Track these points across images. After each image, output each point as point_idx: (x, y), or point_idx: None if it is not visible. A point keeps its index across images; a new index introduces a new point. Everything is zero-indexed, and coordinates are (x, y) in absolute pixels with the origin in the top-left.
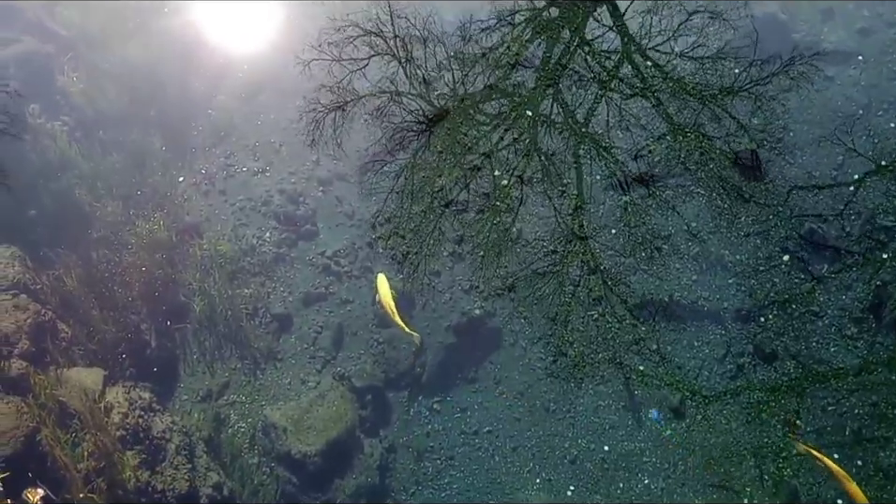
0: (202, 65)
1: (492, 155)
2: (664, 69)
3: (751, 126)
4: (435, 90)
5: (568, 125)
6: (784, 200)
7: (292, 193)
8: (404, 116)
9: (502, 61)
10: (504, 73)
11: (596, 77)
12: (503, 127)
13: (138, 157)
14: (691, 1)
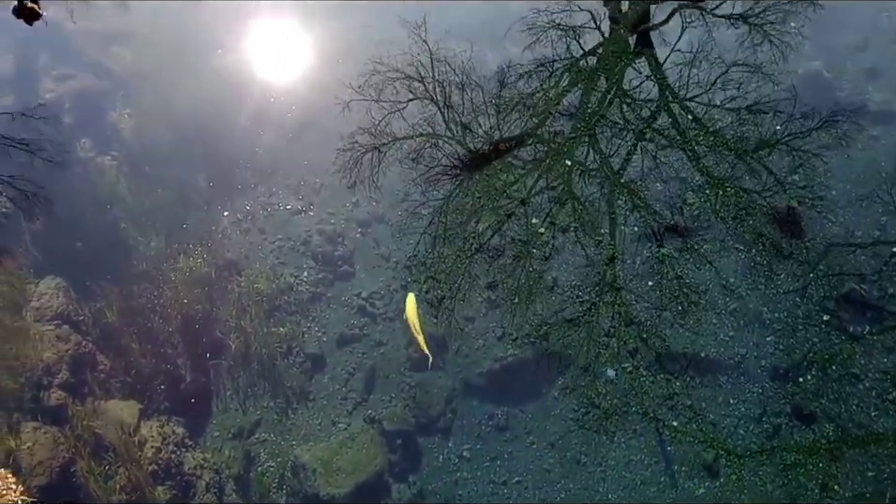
0: (251, 104)
1: (527, 201)
2: (702, 121)
3: (791, 183)
4: (472, 134)
5: (604, 173)
6: (823, 256)
7: (331, 233)
8: (440, 159)
9: (540, 108)
10: (542, 120)
11: (633, 126)
12: (539, 173)
13: (182, 193)
14: (730, 54)
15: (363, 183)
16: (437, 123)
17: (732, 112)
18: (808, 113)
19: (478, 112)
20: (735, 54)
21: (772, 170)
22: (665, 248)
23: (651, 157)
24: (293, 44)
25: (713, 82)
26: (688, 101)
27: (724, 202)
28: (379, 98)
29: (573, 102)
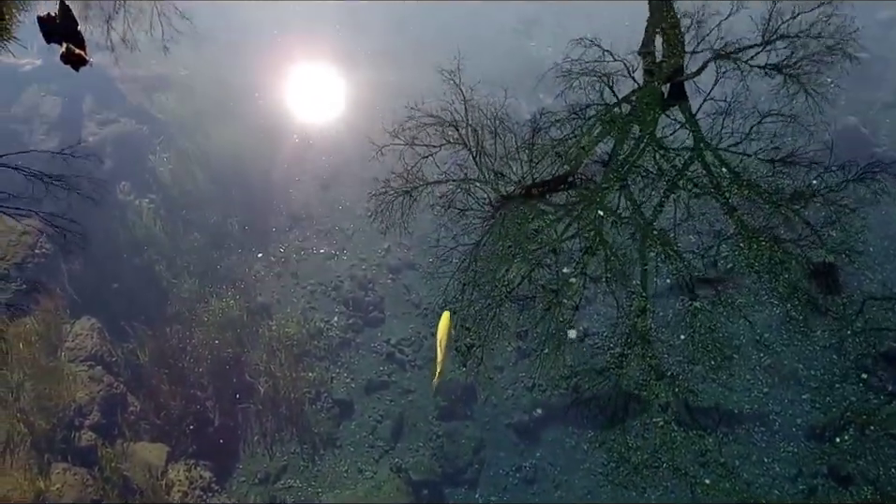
0: (287, 149)
1: (558, 250)
2: (736, 171)
3: (828, 237)
4: (503, 179)
5: (636, 222)
6: (861, 313)
7: (362, 279)
8: (471, 204)
9: (572, 154)
10: (574, 167)
11: (666, 175)
12: (571, 221)
13: (217, 237)
14: (765, 104)
15: (395, 228)
16: (469, 168)
17: (767, 163)
18: (845, 166)
19: (510, 158)
20: (770, 105)
21: (808, 221)
22: (698, 301)
23: (684, 207)
24: (331, 90)
25: (748, 133)
26: (722, 151)
27: (759, 255)
28: (412, 143)
29: (605, 150)
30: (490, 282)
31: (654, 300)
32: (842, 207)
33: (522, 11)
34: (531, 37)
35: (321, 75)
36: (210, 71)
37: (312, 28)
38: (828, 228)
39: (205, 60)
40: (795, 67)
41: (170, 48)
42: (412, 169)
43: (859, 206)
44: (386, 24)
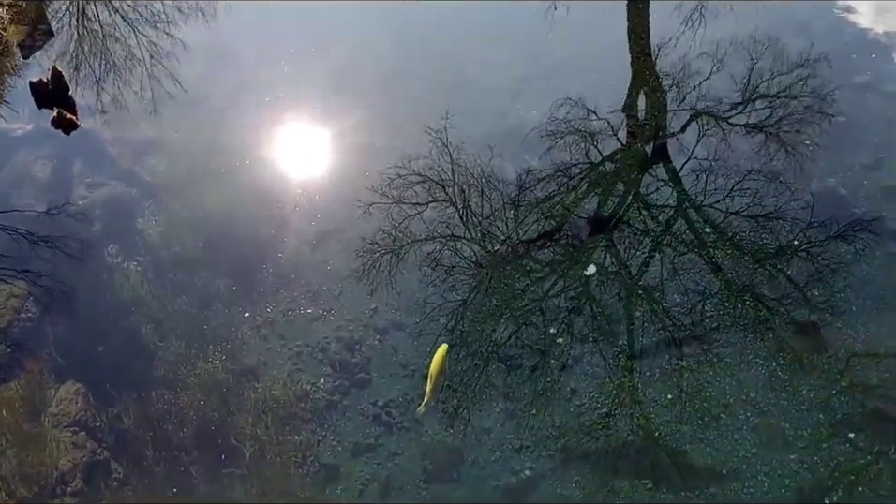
0: (276, 212)
1: (545, 309)
2: (720, 228)
3: (811, 296)
4: (490, 237)
5: (622, 280)
6: (846, 371)
7: (349, 340)
8: (458, 262)
9: (558, 212)
10: (559, 224)
11: (651, 233)
12: (556, 278)
13: (204, 299)
14: (747, 162)
15: (382, 287)
16: (456, 226)
17: (750, 220)
18: (825, 225)
19: (496, 216)
20: (752, 163)
21: (792, 279)
22: (685, 360)
23: (670, 265)
24: (320, 152)
25: (731, 190)
26: (705, 208)
27: (743, 313)
28: (400, 201)
29: (591, 208)
30: (477, 342)
31: (641, 358)
32: (824, 266)
33: (509, 74)
34: (518, 99)
35: (310, 138)
36: (200, 134)
37: (302, 91)
38: (810, 286)
39: (196, 123)
40: (775, 127)
41: (160, 111)
42: (400, 227)
43: (841, 266)
44: (374, 88)
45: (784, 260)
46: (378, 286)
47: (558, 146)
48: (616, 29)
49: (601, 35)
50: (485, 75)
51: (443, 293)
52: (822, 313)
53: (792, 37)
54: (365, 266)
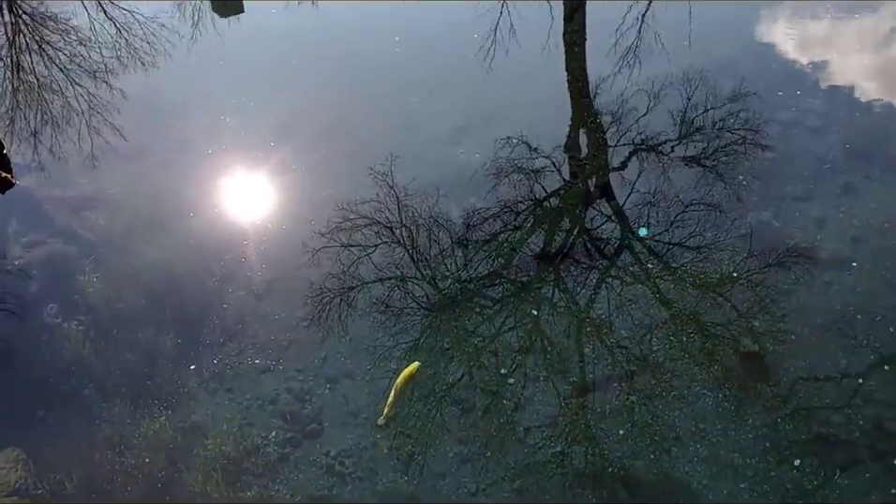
0: (221, 265)
1: (496, 348)
2: (664, 259)
3: (752, 326)
4: (439, 276)
5: (571, 315)
6: (790, 399)
7: (299, 391)
8: (408, 304)
9: (505, 250)
10: (507, 261)
11: (597, 266)
12: (506, 315)
13: (149, 356)
14: (687, 194)
15: (331, 335)
16: (405, 267)
17: (692, 251)
18: (762, 255)
19: (445, 256)
20: (691, 195)
21: (734, 308)
22: (634, 395)
23: (617, 297)
24: (265, 203)
25: (672, 222)
26: (649, 240)
27: (690, 345)
28: (347, 245)
29: (537, 244)
30: (429, 385)
31: (593, 394)
32: (763, 296)
33: (451, 121)
34: (460, 144)
35: (254, 188)
36: (141, 188)
37: (245, 143)
38: (752, 316)
39: (136, 177)
40: (712, 159)
41: (100, 165)
42: (348, 272)
43: (780, 295)
44: (317, 137)
45: (725, 290)
46: (327, 334)
47: (503, 185)
48: (552, 71)
49: (538, 77)
50: (425, 122)
51: (394, 336)
52: (764, 341)
53: (722, 74)
54: (313, 314)
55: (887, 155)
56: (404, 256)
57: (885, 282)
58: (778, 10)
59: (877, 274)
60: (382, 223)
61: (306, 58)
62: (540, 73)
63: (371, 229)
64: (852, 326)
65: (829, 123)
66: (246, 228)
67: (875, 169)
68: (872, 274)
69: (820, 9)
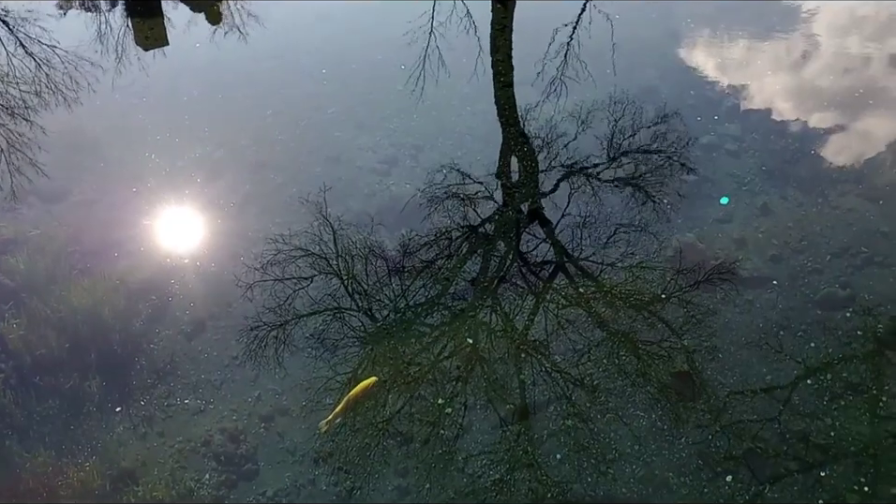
0: (148, 305)
1: (433, 378)
2: (597, 280)
3: (682, 346)
4: (377, 305)
5: (508, 339)
6: (719, 416)
7: (233, 431)
8: (346, 335)
9: (442, 276)
10: (444, 287)
11: (533, 289)
12: (444, 343)
13: (74, 402)
14: (618, 215)
15: (265, 372)
16: (342, 297)
17: (624, 271)
18: (688, 276)
19: (382, 284)
20: (621, 216)
21: (663, 329)
22: (570, 419)
23: (554, 319)
24: (194, 240)
25: (605, 243)
26: (582, 262)
27: (623, 367)
28: (282, 278)
29: (474, 269)
30: (365, 419)
31: (531, 419)
32: (690, 316)
33: (381, 153)
34: (391, 175)
35: (182, 226)
36: (64, 229)
37: (171, 180)
38: (681, 336)
39: (59, 217)
40: (640, 180)
41: (19, 207)
42: (282, 305)
43: (706, 314)
44: (245, 172)
45: (655, 311)
46: (261, 370)
47: (436, 213)
48: (482, 99)
49: (467, 106)
50: (355, 154)
51: (331, 369)
52: (694, 360)
53: (644, 100)
54: (246, 351)
55: (800, 175)
56: (340, 287)
57: (804, 298)
58: (696, 35)
59: (796, 291)
60: (317, 254)
61: (232, 92)
62: (469, 102)
63: (306, 260)
64: (775, 342)
65: (746, 146)
66: (174, 266)
67: (790, 189)
68: (791, 291)
69: (736, 34)
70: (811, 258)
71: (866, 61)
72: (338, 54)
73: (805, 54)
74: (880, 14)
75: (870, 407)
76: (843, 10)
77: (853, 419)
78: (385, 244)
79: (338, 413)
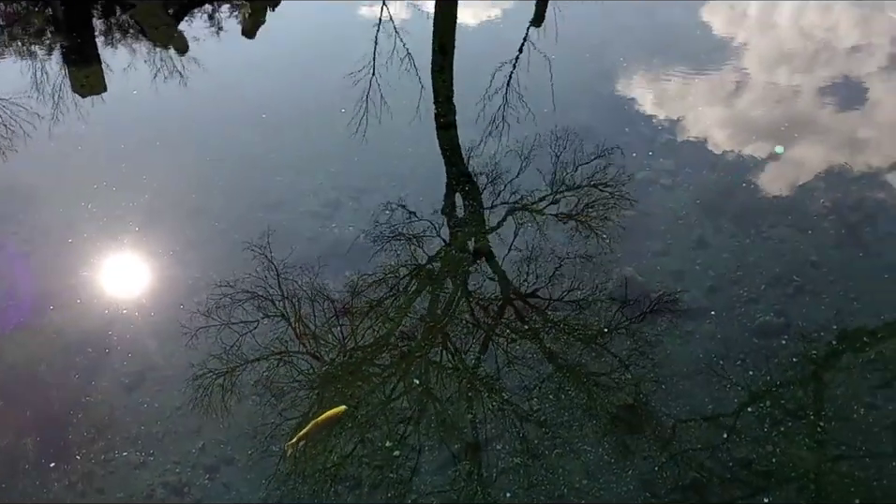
0: (84, 358)
1: (382, 420)
2: (544, 313)
3: (626, 379)
4: (325, 347)
5: (458, 376)
6: (663, 447)
7: (176, 484)
8: (295, 378)
9: (391, 315)
10: (393, 326)
11: (481, 325)
12: (394, 382)
13: (8, 463)
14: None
15: (209, 420)
16: (289, 341)
17: (569, 305)
18: (630, 309)
19: (331, 326)
20: (566, 249)
21: (608, 362)
22: (518, 457)
23: (504, 355)
24: (133, 289)
25: (551, 276)
26: (529, 296)
27: (569, 402)
28: (227, 322)
29: (422, 307)
30: (313, 466)
31: (480, 458)
32: (633, 349)
33: (323, 196)
34: (333, 219)
35: (120, 277)
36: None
37: (108, 230)
38: (625, 370)
39: None
40: (583, 214)
41: None
42: (226, 352)
43: (648, 348)
44: (184, 220)
45: (600, 344)
46: (205, 420)
47: (382, 253)
48: (425, 139)
49: (409, 148)
50: (296, 199)
51: (278, 415)
52: (638, 392)
53: (584, 137)
54: (189, 401)
55: (733, 207)
56: (287, 330)
57: (741, 327)
58: (629, 73)
59: (734, 321)
60: (262, 296)
61: (171, 138)
62: (411, 143)
63: (251, 304)
64: (715, 371)
65: (680, 180)
66: (113, 317)
67: (724, 221)
68: (729, 322)
69: (668, 71)
70: (746, 288)
71: (794, 93)
72: (278, 99)
73: (736, 88)
74: (807, 48)
75: (809, 432)
76: (772, 45)
77: (793, 444)
78: (331, 286)
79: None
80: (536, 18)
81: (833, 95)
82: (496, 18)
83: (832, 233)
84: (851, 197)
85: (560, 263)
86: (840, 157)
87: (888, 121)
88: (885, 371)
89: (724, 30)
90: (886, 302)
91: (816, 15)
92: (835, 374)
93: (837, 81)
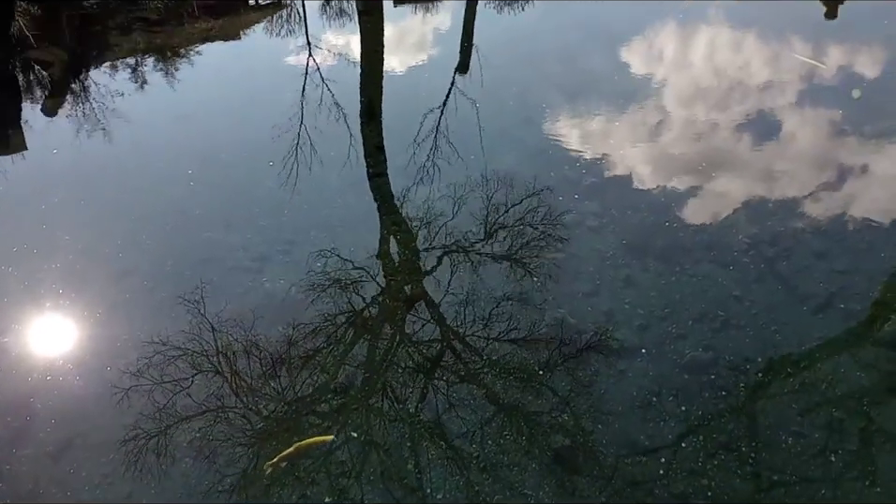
0: (4, 427)
1: (327, 475)
2: (483, 354)
3: (562, 421)
4: (263, 399)
5: (401, 422)
6: (603, 485)
7: None
8: (232, 435)
9: (329, 364)
10: (332, 376)
11: (422, 369)
12: (334, 432)
13: None
14: (501, 289)
15: (141, 482)
16: (226, 396)
17: (509, 344)
18: (563, 350)
19: (268, 377)
20: (503, 289)
21: (546, 405)
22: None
23: (445, 398)
24: (57, 357)
25: (488, 317)
26: (468, 338)
27: (507, 445)
28: (160, 381)
29: (362, 354)
30: None
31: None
32: (568, 391)
33: (253, 251)
34: (263, 273)
35: (42, 342)
36: None
37: (30, 294)
38: (562, 411)
39: None
40: (517, 254)
41: None
42: (162, 410)
43: (582, 388)
44: (110, 279)
45: (535, 387)
46: (135, 486)
47: (316, 303)
48: (354, 190)
49: (338, 199)
50: (225, 255)
51: (215, 474)
52: (574, 435)
53: (512, 181)
54: (118, 466)
55: (658, 246)
56: (222, 385)
57: (672, 364)
58: (552, 118)
59: (664, 358)
60: (197, 351)
61: (94, 196)
62: (340, 194)
63: (186, 359)
64: (650, 408)
65: (606, 221)
66: (35, 385)
67: (650, 260)
68: (659, 359)
69: (589, 114)
70: (674, 325)
71: (712, 128)
72: (204, 154)
73: (656, 128)
74: (721, 84)
75: (742, 462)
76: (689, 83)
77: (728, 476)
78: (265, 338)
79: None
80: (461, 65)
81: (748, 130)
82: (422, 64)
83: (752, 268)
84: (768, 231)
85: (496, 304)
86: (757, 191)
87: (801, 154)
88: (808, 398)
89: (643, 70)
90: (805, 332)
91: (728, 54)
92: (763, 404)
93: (752, 117)
